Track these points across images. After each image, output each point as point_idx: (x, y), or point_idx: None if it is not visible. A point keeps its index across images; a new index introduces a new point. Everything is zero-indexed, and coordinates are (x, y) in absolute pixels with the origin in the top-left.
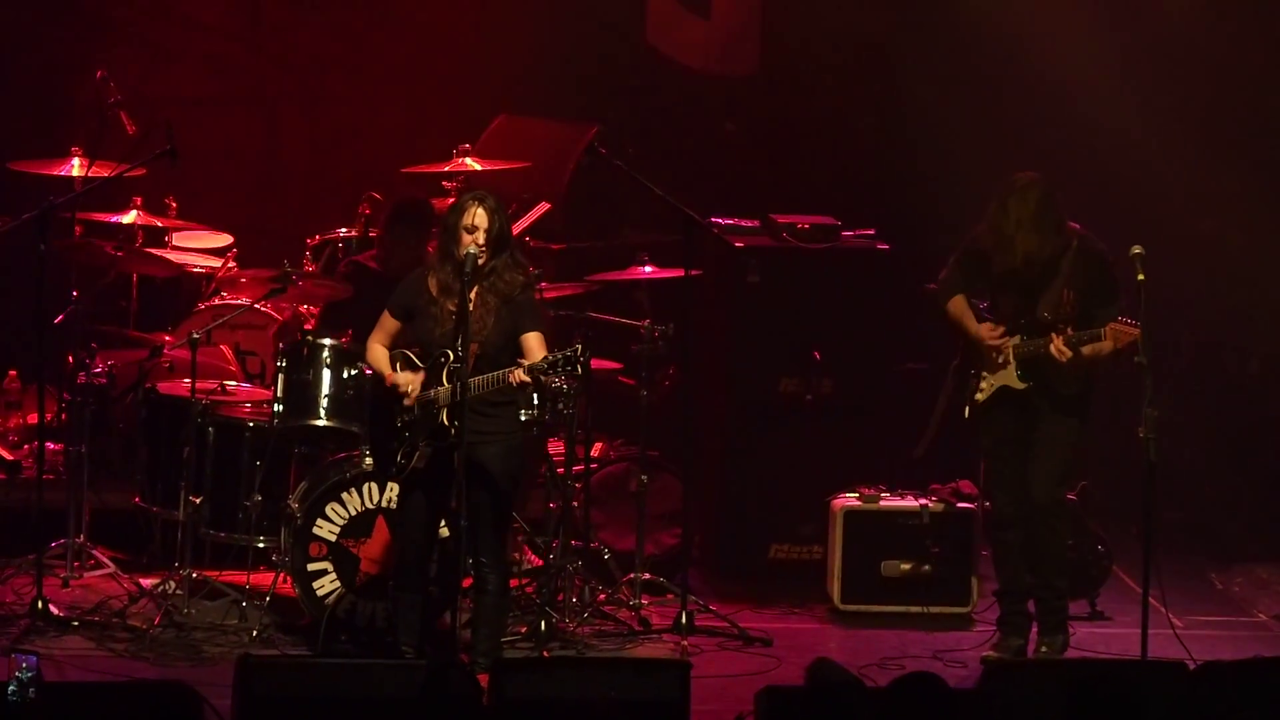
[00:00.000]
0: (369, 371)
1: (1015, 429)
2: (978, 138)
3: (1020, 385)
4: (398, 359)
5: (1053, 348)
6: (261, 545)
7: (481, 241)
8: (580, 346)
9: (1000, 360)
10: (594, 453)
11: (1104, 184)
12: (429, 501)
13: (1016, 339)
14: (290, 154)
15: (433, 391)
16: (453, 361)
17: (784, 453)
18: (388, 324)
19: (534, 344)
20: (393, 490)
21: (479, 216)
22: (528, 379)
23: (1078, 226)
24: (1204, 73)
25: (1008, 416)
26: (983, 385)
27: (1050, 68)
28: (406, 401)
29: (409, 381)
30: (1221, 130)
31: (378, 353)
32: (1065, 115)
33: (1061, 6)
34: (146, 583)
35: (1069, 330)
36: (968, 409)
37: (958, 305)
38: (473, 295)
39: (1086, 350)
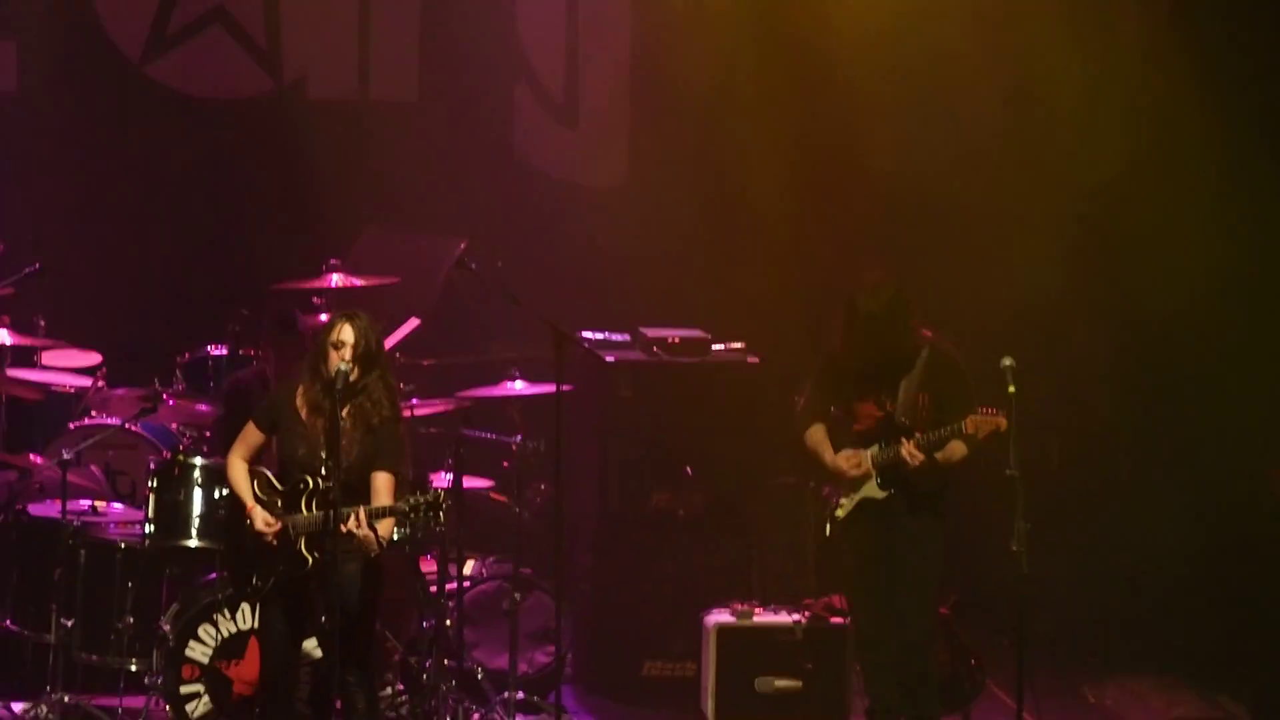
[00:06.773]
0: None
1: (878, 544)
2: (841, 248)
3: (881, 494)
4: (257, 478)
5: (904, 451)
6: (134, 668)
7: (348, 357)
8: (443, 493)
9: (860, 475)
10: (466, 571)
11: (969, 290)
12: (289, 622)
13: (874, 448)
14: (159, 271)
15: (291, 519)
16: (313, 487)
17: (656, 568)
18: (250, 436)
19: (381, 485)
20: None
21: (345, 332)
22: (356, 532)
23: (930, 333)
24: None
25: (870, 529)
26: (843, 501)
27: (896, 170)
28: (265, 536)
29: (267, 525)
30: (1092, 237)
31: (238, 470)
32: (924, 218)
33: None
34: (18, 707)
35: (917, 434)
36: (828, 526)
37: (814, 436)
38: (343, 414)
39: (939, 455)
